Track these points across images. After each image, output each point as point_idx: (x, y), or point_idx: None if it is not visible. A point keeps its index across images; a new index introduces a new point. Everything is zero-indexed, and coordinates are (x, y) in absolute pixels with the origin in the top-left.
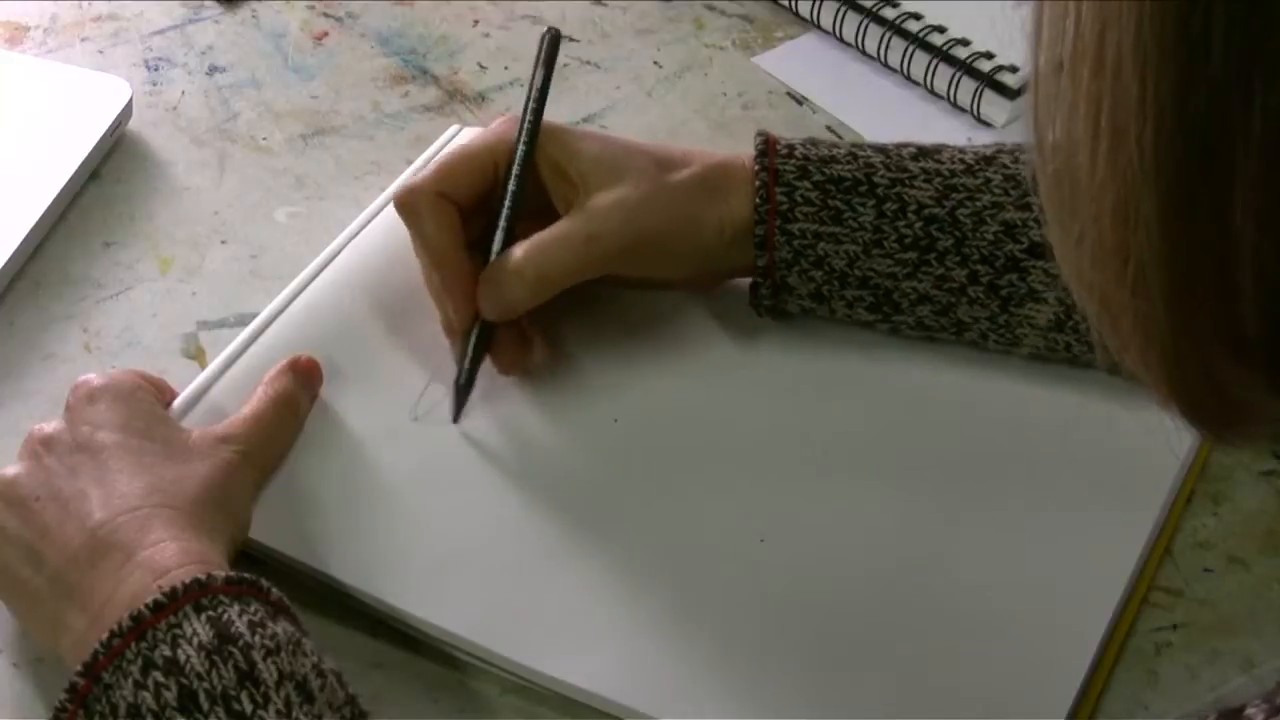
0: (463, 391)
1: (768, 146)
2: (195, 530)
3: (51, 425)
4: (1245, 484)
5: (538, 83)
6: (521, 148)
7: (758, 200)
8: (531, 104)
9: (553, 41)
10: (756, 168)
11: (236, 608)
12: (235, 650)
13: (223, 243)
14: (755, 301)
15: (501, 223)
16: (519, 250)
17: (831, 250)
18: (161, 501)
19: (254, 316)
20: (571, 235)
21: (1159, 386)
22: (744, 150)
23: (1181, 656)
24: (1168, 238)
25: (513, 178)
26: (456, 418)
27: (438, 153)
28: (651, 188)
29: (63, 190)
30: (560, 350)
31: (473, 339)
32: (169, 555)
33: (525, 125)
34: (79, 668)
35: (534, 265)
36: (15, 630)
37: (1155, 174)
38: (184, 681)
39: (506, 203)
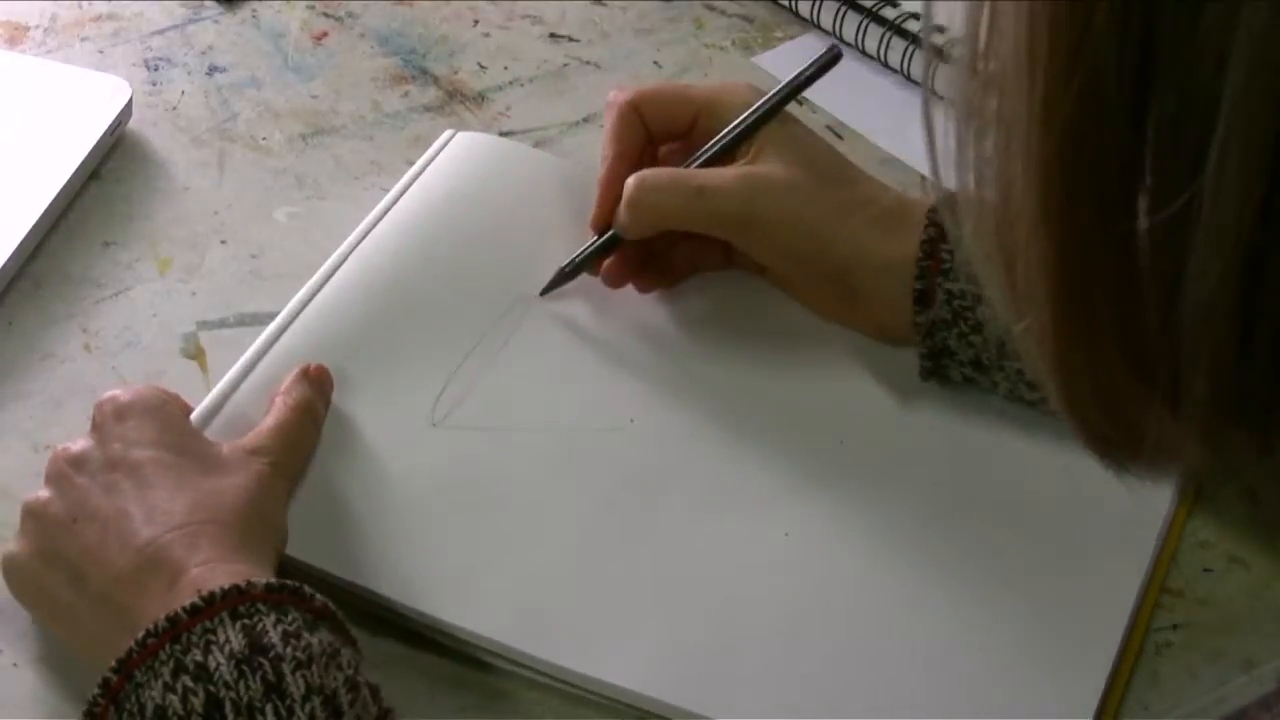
0: (563, 276)
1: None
2: (244, 547)
3: (79, 444)
4: None
5: (797, 81)
6: (752, 119)
7: (920, 255)
8: (785, 90)
9: (831, 60)
10: (926, 223)
11: (273, 617)
12: (265, 662)
13: (222, 243)
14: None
15: (694, 156)
16: (642, 175)
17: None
18: (207, 517)
19: (254, 316)
20: (687, 181)
21: (1055, 401)
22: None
23: (1181, 656)
24: (1051, 239)
25: (724, 131)
26: (543, 292)
27: (435, 155)
28: (794, 180)
29: (62, 190)
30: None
31: (597, 239)
32: (219, 578)
33: (768, 104)
34: (113, 664)
35: (648, 194)
36: (17, 630)
37: (1040, 175)
38: (211, 689)
39: (706, 148)
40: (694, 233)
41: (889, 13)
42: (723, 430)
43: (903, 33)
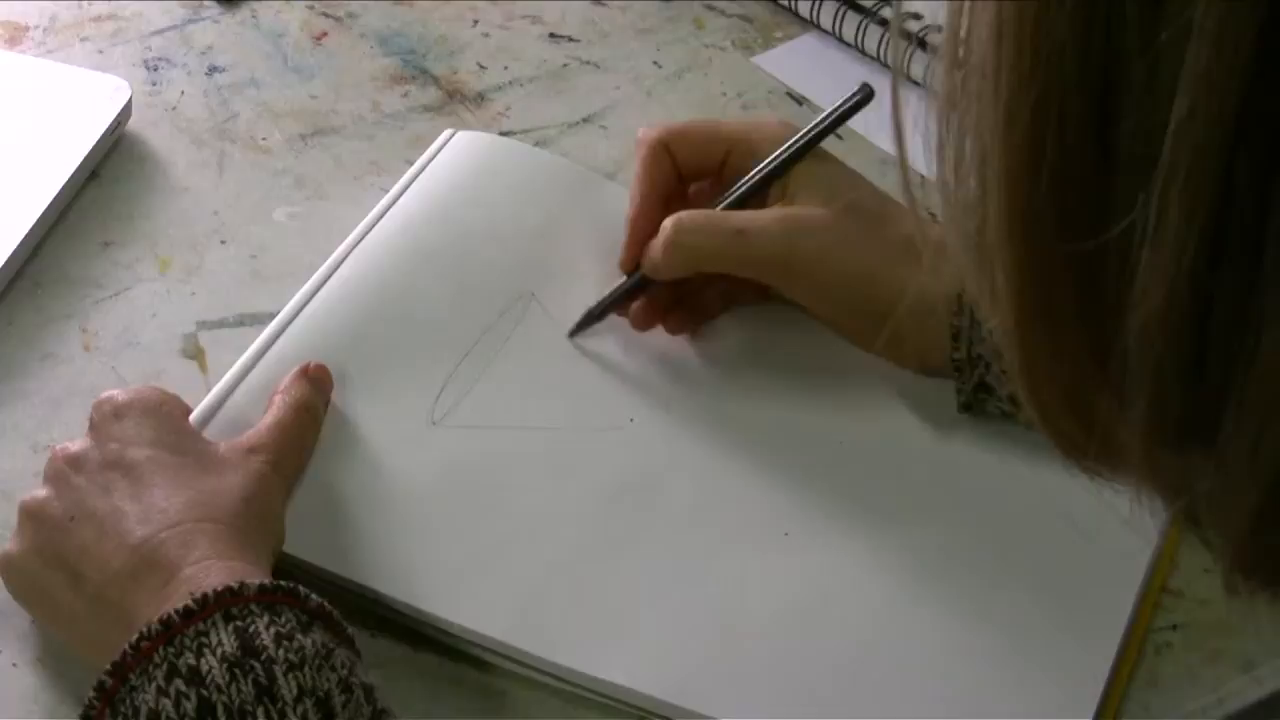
0: (590, 318)
1: None
2: (240, 546)
3: (77, 445)
4: None
5: (830, 119)
6: (785, 157)
7: (961, 291)
8: (818, 129)
9: (865, 98)
10: None
11: (266, 618)
12: (257, 664)
13: (222, 243)
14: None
15: (726, 195)
16: (679, 217)
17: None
18: (204, 516)
19: (253, 316)
20: (725, 223)
21: (1024, 402)
22: None
23: (1181, 656)
24: (1015, 246)
25: (756, 169)
26: (572, 333)
27: (433, 157)
28: (836, 223)
29: (62, 190)
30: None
31: (626, 280)
32: (214, 576)
33: (800, 142)
34: (108, 666)
35: (686, 235)
36: (16, 630)
37: (1005, 183)
38: (204, 694)
39: (737, 186)
40: (729, 274)
41: (889, 13)
42: (722, 430)
43: (902, 32)
